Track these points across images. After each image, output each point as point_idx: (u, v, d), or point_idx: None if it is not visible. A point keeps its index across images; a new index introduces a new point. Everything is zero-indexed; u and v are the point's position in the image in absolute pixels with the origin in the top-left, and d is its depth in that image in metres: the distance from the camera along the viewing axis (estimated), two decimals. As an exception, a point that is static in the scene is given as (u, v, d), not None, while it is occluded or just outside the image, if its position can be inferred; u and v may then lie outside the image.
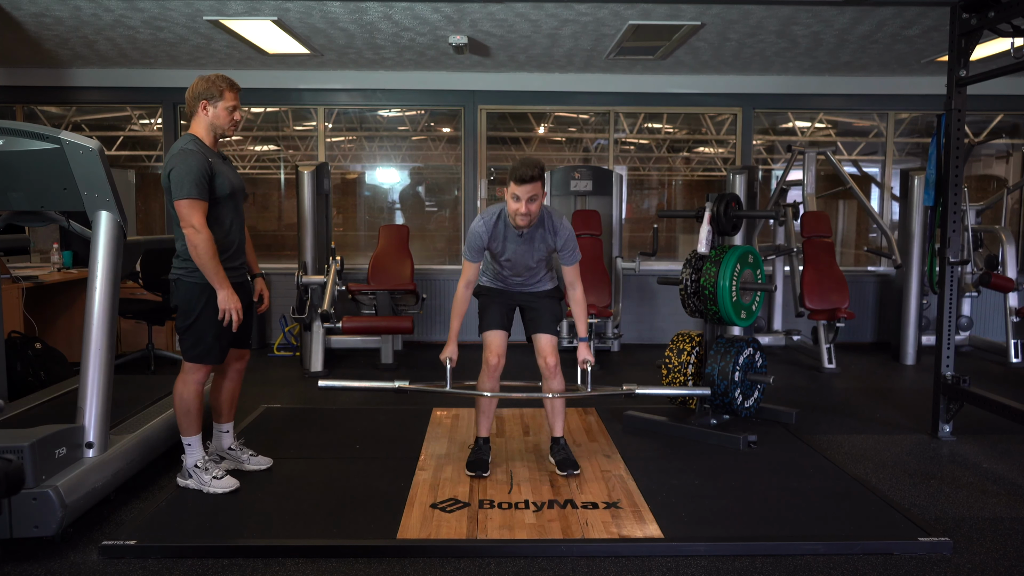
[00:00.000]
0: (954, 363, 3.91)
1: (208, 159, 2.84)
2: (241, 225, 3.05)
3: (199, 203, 2.77)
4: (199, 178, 2.77)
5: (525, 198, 2.98)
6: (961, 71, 3.73)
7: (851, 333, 6.54)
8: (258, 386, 4.94)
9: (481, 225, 3.14)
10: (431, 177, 7.26)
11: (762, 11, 4.45)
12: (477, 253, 3.19)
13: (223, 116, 2.90)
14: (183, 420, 2.99)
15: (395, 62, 5.93)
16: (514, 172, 2.96)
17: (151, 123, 6.88)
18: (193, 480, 3.02)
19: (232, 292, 2.85)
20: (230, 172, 2.98)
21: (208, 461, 3.06)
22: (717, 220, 3.89)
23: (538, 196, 3.01)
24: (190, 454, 3.03)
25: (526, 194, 2.97)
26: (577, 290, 3.27)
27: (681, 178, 7.44)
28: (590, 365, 3.25)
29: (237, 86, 2.95)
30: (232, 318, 2.86)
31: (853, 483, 3.20)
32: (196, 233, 2.75)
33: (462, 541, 2.62)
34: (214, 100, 2.88)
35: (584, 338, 3.28)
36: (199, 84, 2.88)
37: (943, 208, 3.86)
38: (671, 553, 2.57)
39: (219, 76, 2.89)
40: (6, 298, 4.42)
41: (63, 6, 4.45)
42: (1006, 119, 6.89)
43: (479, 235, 3.14)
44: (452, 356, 3.22)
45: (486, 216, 3.16)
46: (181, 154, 2.79)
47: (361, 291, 5.82)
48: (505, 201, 3.09)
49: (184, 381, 2.97)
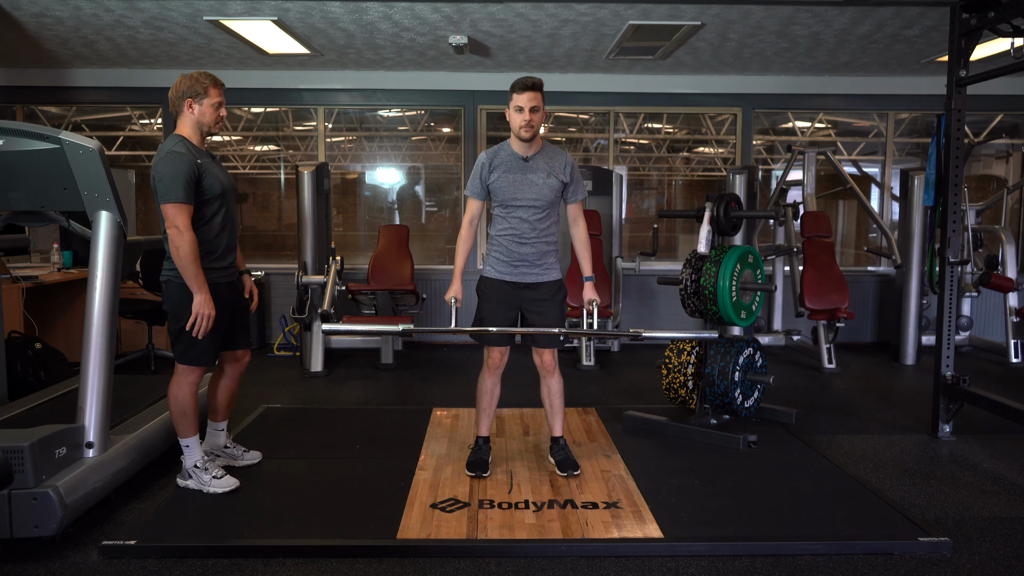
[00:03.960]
0: (954, 363, 3.91)
1: (197, 160, 2.83)
2: (232, 225, 3.04)
3: (184, 206, 2.77)
4: (186, 181, 2.76)
5: (528, 107, 3.01)
6: (961, 71, 3.73)
7: (851, 333, 6.54)
8: (258, 386, 4.94)
9: (484, 155, 3.19)
10: (431, 177, 7.26)
11: (762, 11, 4.45)
12: (480, 186, 3.18)
13: (209, 113, 2.90)
14: (180, 422, 2.99)
15: (395, 62, 5.93)
16: (515, 84, 3.04)
17: (151, 123, 6.88)
18: (193, 480, 3.03)
19: (208, 297, 2.82)
20: (220, 172, 2.98)
21: (207, 461, 3.06)
22: (717, 220, 3.88)
23: (539, 108, 3.04)
24: (188, 455, 3.03)
25: (528, 103, 3.01)
26: (580, 227, 3.26)
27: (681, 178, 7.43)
28: (596, 304, 3.23)
29: (221, 82, 2.96)
30: (203, 325, 2.82)
31: (853, 483, 3.20)
32: (179, 235, 2.75)
33: (462, 541, 2.62)
34: (199, 98, 2.88)
35: (589, 277, 3.26)
36: (183, 83, 2.88)
37: (943, 208, 3.86)
38: (671, 553, 2.57)
39: (202, 73, 2.90)
40: (6, 298, 4.43)
41: (63, 6, 4.45)
42: (1006, 119, 6.89)
43: (482, 164, 3.17)
44: (457, 296, 3.20)
45: (489, 150, 3.21)
46: (168, 156, 2.79)
47: (361, 291, 5.82)
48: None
49: (178, 384, 2.96)
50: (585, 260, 3.28)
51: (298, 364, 5.68)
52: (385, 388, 4.97)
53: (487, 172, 3.15)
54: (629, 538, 2.65)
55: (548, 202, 3.15)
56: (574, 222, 3.26)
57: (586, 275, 3.27)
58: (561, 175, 3.14)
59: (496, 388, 3.31)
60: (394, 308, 5.79)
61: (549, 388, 3.31)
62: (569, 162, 3.18)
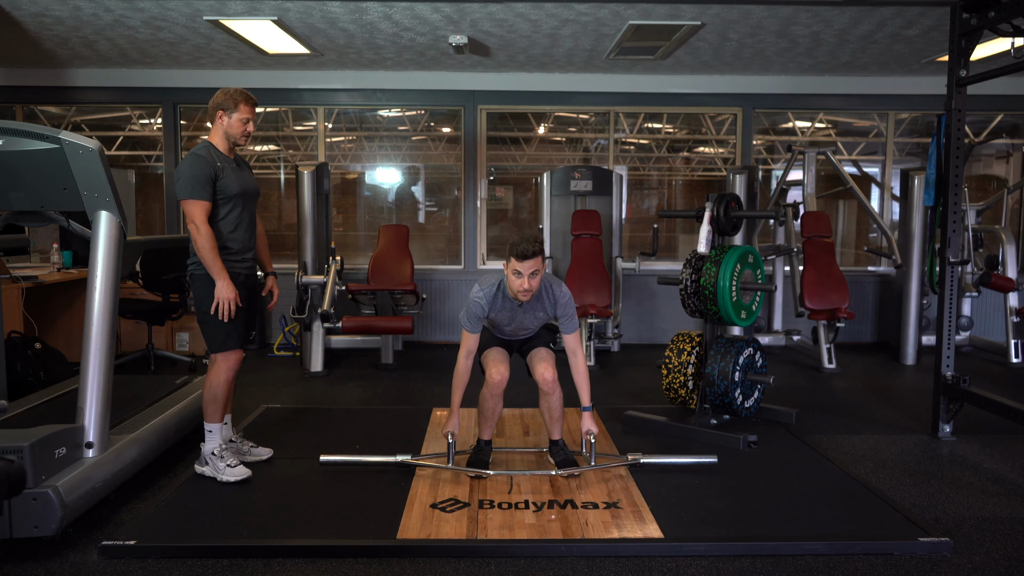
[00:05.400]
0: (954, 363, 3.91)
1: (216, 163, 3.06)
2: (250, 224, 3.23)
3: (199, 203, 3.00)
4: (203, 180, 3.00)
5: (527, 273, 3.00)
6: (961, 71, 3.73)
7: (851, 333, 6.54)
8: (258, 386, 4.94)
9: (481, 296, 3.15)
10: (431, 177, 7.26)
11: (762, 11, 4.45)
12: (477, 323, 3.20)
13: (236, 127, 3.13)
14: (209, 407, 3.17)
15: (395, 62, 5.92)
16: (515, 248, 2.97)
17: (151, 123, 6.87)
18: (209, 467, 3.17)
19: (229, 283, 3.03)
20: (241, 175, 3.17)
21: (224, 450, 3.20)
22: (717, 220, 3.88)
23: (539, 271, 3.03)
24: (210, 440, 3.19)
25: (528, 270, 2.99)
26: (578, 358, 3.26)
27: (681, 178, 7.43)
28: (593, 436, 3.25)
29: (253, 100, 3.17)
30: (225, 308, 3.02)
31: (853, 483, 3.20)
32: (196, 229, 3.00)
33: (462, 541, 2.62)
34: (229, 111, 3.11)
35: (587, 407, 3.27)
36: (219, 96, 3.11)
37: (943, 208, 3.86)
38: (671, 553, 2.57)
39: (237, 90, 3.12)
40: (6, 298, 4.43)
41: (63, 6, 4.45)
42: (1006, 119, 6.89)
43: (480, 306, 3.16)
44: (454, 431, 3.25)
45: (485, 288, 3.16)
46: (188, 158, 3.04)
47: (361, 291, 5.82)
48: (504, 274, 3.12)
49: (216, 371, 3.15)
50: (584, 391, 3.28)
51: (298, 364, 5.68)
52: (385, 388, 4.97)
53: (484, 311, 3.18)
54: (629, 538, 2.65)
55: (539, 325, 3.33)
56: (572, 353, 3.27)
57: (584, 405, 3.28)
58: (552, 312, 3.23)
59: (498, 405, 3.31)
60: (394, 308, 5.79)
61: (549, 404, 3.31)
62: (562, 300, 3.20)
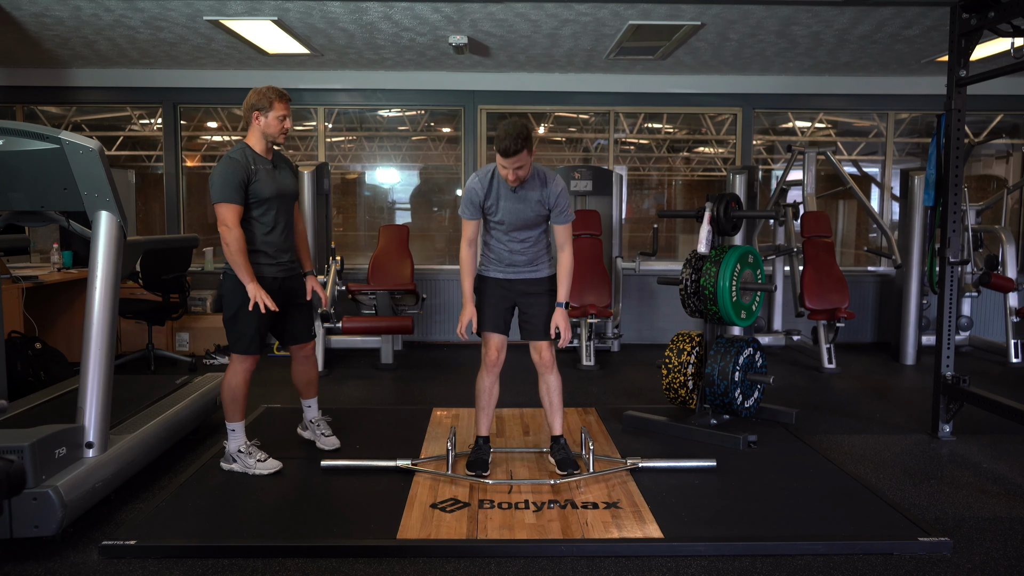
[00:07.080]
0: (954, 363, 3.90)
1: (251, 166, 3.08)
2: (286, 225, 3.25)
3: (231, 206, 3.03)
4: (235, 184, 3.03)
5: (512, 168, 2.99)
6: (961, 71, 3.73)
7: (851, 333, 6.54)
8: (258, 386, 4.92)
9: (476, 182, 3.17)
10: (431, 177, 7.25)
11: (762, 11, 4.45)
12: (474, 209, 3.18)
13: (274, 125, 3.13)
14: (229, 407, 3.21)
15: (395, 62, 5.93)
16: (498, 144, 2.95)
17: (151, 123, 6.88)
18: (238, 464, 3.23)
19: (258, 285, 3.06)
20: (277, 176, 3.19)
21: (250, 446, 3.26)
22: (717, 220, 3.88)
23: (524, 164, 3.00)
24: (233, 439, 3.24)
25: (512, 165, 2.98)
26: (566, 252, 3.23)
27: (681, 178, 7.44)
28: (560, 332, 3.19)
29: (287, 96, 3.17)
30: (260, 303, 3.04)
31: (853, 483, 3.20)
32: (228, 231, 3.03)
33: (462, 541, 2.62)
34: (265, 111, 3.11)
35: (561, 303, 3.22)
36: (251, 96, 3.12)
37: (943, 208, 3.86)
38: (671, 553, 2.57)
39: (270, 88, 3.11)
40: (6, 298, 4.43)
41: (63, 6, 4.45)
42: (1006, 119, 6.89)
43: (475, 191, 3.16)
44: (473, 318, 3.22)
45: (480, 173, 3.18)
46: (223, 161, 3.08)
47: (361, 291, 5.82)
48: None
49: (233, 372, 3.19)
50: (563, 285, 3.21)
51: (298, 364, 5.67)
52: (385, 388, 4.97)
53: (480, 196, 3.16)
54: (629, 538, 2.65)
55: (540, 229, 3.24)
56: (561, 247, 3.24)
57: (559, 299, 3.22)
58: (548, 204, 3.18)
59: (495, 387, 3.31)
60: (394, 308, 5.79)
61: (548, 385, 3.31)
62: (556, 188, 3.17)
